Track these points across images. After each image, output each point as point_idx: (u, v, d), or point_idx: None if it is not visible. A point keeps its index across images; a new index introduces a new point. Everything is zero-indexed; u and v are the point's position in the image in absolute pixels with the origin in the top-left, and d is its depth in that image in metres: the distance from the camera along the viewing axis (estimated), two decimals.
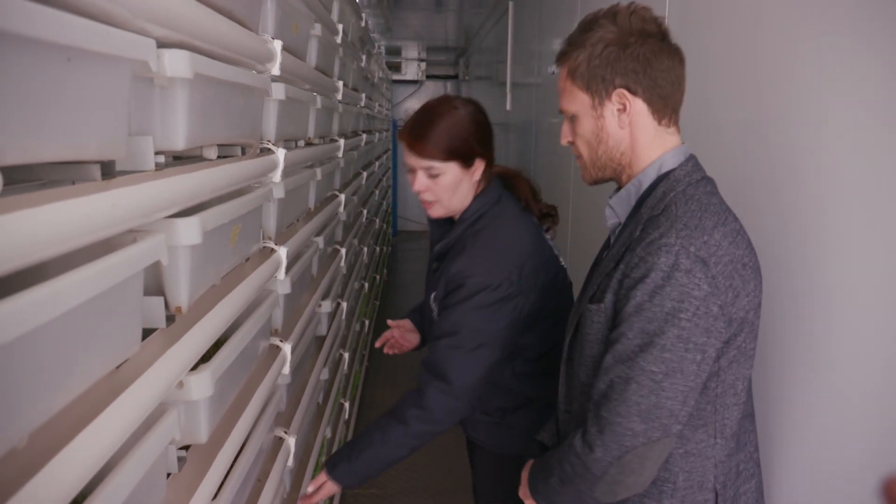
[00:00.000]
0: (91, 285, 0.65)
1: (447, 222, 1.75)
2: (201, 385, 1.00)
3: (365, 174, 3.93)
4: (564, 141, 1.27)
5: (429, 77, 10.57)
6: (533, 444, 1.53)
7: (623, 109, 1.17)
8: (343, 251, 2.74)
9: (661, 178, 1.17)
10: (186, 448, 1.10)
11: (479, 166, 1.63)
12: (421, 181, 1.61)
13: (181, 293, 0.98)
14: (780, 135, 1.31)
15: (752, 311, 1.11)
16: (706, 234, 1.07)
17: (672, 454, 1.14)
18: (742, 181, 1.41)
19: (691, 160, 1.19)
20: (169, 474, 1.01)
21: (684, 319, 1.04)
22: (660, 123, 1.18)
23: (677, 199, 1.13)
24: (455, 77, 10.51)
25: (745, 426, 1.20)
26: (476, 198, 1.66)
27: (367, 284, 4.24)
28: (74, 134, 0.65)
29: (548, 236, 1.76)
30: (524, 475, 1.39)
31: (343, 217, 2.82)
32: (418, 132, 1.58)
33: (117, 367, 0.80)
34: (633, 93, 1.15)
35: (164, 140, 0.93)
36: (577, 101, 1.19)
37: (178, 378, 0.91)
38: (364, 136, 3.88)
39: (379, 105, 5.59)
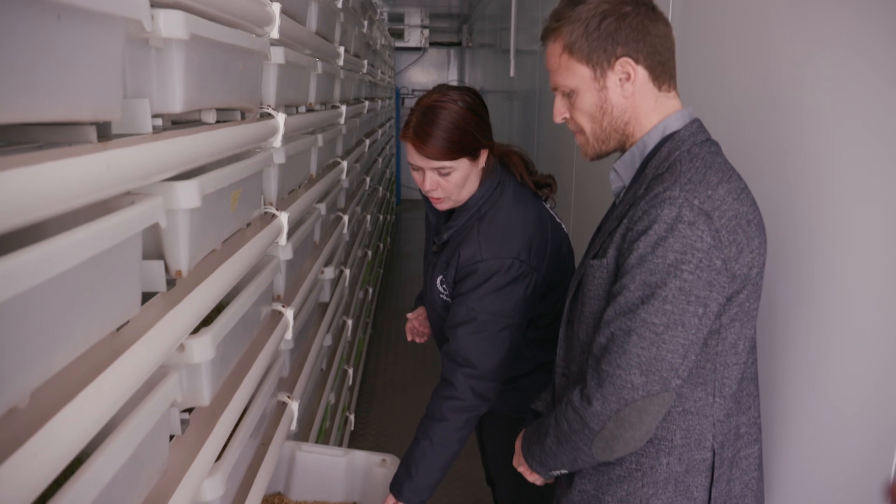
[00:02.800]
0: (88, 246, 0.65)
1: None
2: (203, 348, 1.01)
3: (367, 142, 3.91)
4: (559, 118, 1.26)
5: (432, 44, 10.47)
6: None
7: (627, 78, 1.16)
8: (346, 218, 2.73)
9: (666, 139, 1.17)
10: (189, 411, 1.11)
11: (483, 155, 1.63)
12: (432, 180, 1.60)
13: (181, 257, 0.98)
14: (788, 100, 1.30)
15: (756, 269, 1.11)
16: (710, 189, 1.07)
17: (670, 412, 1.14)
18: (749, 147, 1.40)
19: (696, 122, 1.19)
20: (172, 437, 1.02)
21: (686, 271, 1.04)
22: (660, 90, 1.18)
23: (682, 157, 1.13)
24: (458, 44, 10.41)
25: (748, 389, 1.20)
26: (480, 185, 1.66)
27: (370, 252, 4.24)
28: (66, 94, 0.64)
29: (547, 205, 1.76)
30: (517, 444, 1.40)
31: (346, 184, 2.82)
32: (425, 134, 1.55)
33: (118, 330, 0.81)
34: (636, 61, 1.15)
35: (161, 103, 0.92)
36: (577, 75, 1.18)
37: (179, 341, 0.91)
38: (366, 103, 3.86)
39: (381, 72, 5.55)
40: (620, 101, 1.18)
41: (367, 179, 4.00)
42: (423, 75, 10.50)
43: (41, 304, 0.61)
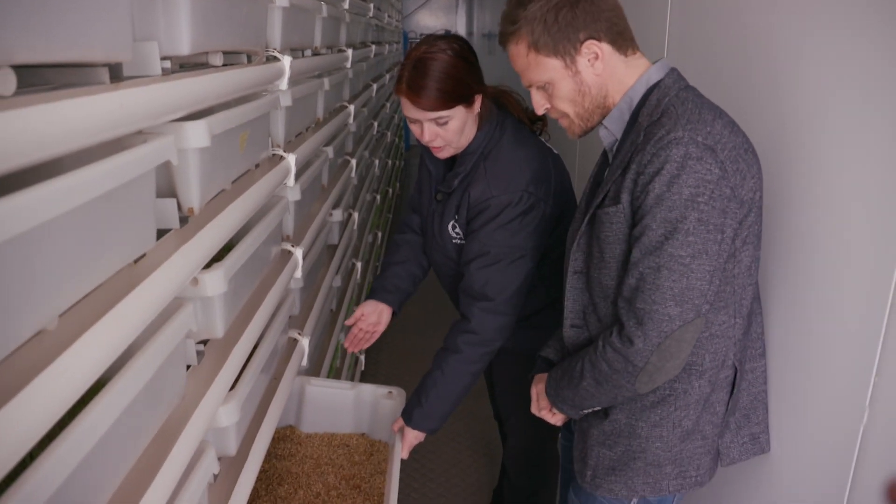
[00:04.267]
0: (106, 180, 0.70)
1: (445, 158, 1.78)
2: (215, 281, 1.06)
3: (375, 86, 3.91)
4: (541, 110, 1.32)
5: None
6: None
7: (595, 57, 1.23)
8: (353, 162, 2.76)
9: (652, 89, 1.23)
10: (205, 344, 1.17)
11: (477, 101, 1.66)
12: (430, 130, 1.63)
13: (193, 195, 1.03)
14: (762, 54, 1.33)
15: (759, 193, 1.19)
16: (708, 126, 1.13)
17: (699, 338, 1.22)
18: (730, 97, 1.44)
19: (675, 71, 1.26)
20: (189, 367, 1.08)
21: (702, 203, 1.10)
22: (626, 56, 1.25)
23: (673, 101, 1.19)
24: None
25: (755, 308, 1.29)
26: (479, 130, 1.69)
27: (379, 197, 4.28)
28: (80, 36, 0.68)
29: (543, 139, 1.80)
30: (535, 391, 1.46)
31: (353, 128, 2.84)
32: (418, 87, 1.57)
33: (135, 262, 0.85)
34: (599, 39, 1.22)
35: (169, 45, 0.95)
36: (549, 68, 1.24)
37: (192, 273, 0.97)
38: (373, 47, 3.84)
39: (388, 16, 5.49)
40: (595, 79, 1.25)
41: (375, 124, 4.00)
42: (432, 19, 10.34)
43: (64, 233, 0.65)
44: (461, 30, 9.48)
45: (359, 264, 3.11)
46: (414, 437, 1.72)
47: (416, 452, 2.83)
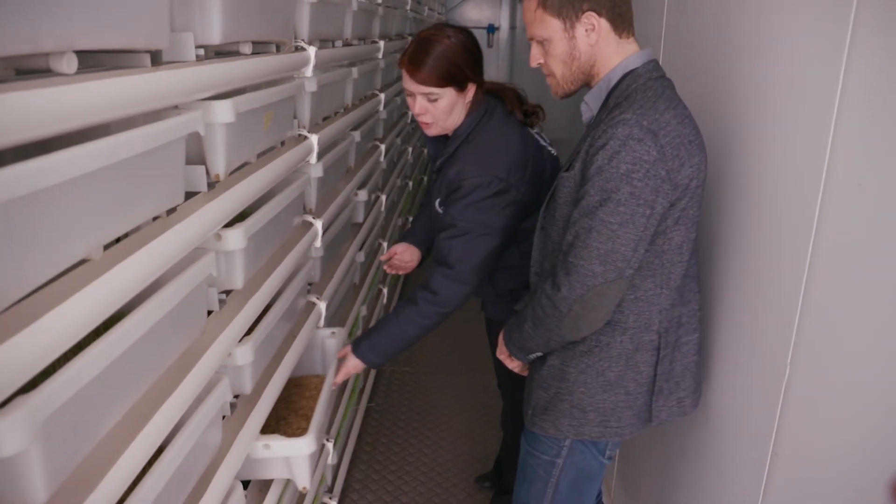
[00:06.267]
0: (144, 142, 0.88)
1: (442, 140, 1.94)
2: (237, 238, 1.25)
3: None
4: (535, 63, 1.46)
5: None
6: None
7: (592, 29, 1.36)
8: (382, 147, 2.94)
9: (627, 75, 1.37)
10: (227, 294, 1.36)
11: (471, 90, 1.82)
12: (420, 105, 1.80)
13: (219, 163, 1.21)
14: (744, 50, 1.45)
15: (696, 182, 1.32)
16: (658, 114, 1.28)
17: (624, 299, 1.37)
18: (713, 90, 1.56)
19: (653, 62, 1.39)
20: (210, 312, 1.27)
21: (636, 179, 1.25)
22: (620, 37, 1.38)
23: (637, 88, 1.33)
24: None
25: (690, 286, 1.43)
26: (468, 116, 1.85)
27: (411, 183, 4.45)
28: (126, 27, 0.86)
29: (535, 130, 1.95)
30: (500, 337, 1.63)
31: (384, 115, 3.01)
32: (417, 60, 1.75)
33: (167, 213, 1.04)
34: (599, 14, 1.35)
35: (203, 35, 1.13)
36: (550, 27, 1.38)
37: (216, 226, 1.15)
38: (410, 39, 4.01)
39: (429, 9, 5.65)
40: (587, 48, 1.38)
41: (410, 113, 4.18)
42: (476, 12, 10.44)
43: (111, 180, 0.84)
44: (504, 24, 9.57)
45: (385, 244, 3.29)
46: (353, 366, 1.89)
47: (429, 423, 3.03)
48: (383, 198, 3.07)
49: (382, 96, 2.89)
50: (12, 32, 0.66)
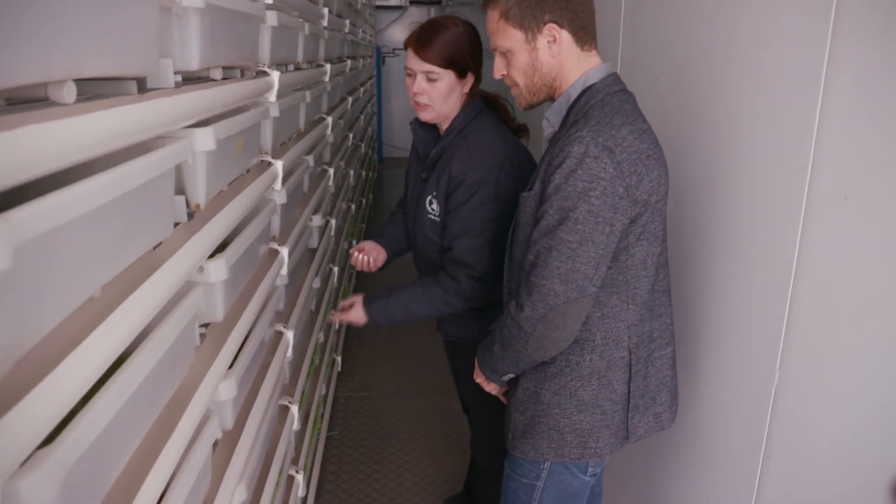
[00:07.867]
0: (145, 172, 0.84)
1: (432, 137, 1.96)
2: (218, 269, 1.20)
3: (350, 99, 4.06)
4: (498, 74, 1.48)
5: (412, 2, 10.47)
6: None
7: (554, 41, 1.37)
8: (331, 171, 2.91)
9: (586, 90, 1.39)
10: (206, 327, 1.31)
11: (469, 80, 1.87)
12: (419, 84, 1.84)
13: (200, 193, 1.17)
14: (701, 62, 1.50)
15: (656, 196, 1.33)
16: (614, 130, 1.29)
17: (591, 317, 1.37)
18: (668, 102, 1.60)
19: (612, 75, 1.41)
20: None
21: (594, 197, 1.26)
22: (582, 49, 1.40)
23: (596, 105, 1.35)
24: (438, 3, 10.44)
25: (660, 300, 1.44)
26: (462, 110, 1.89)
27: (353, 206, 4.41)
28: (125, 53, 0.82)
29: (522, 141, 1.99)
30: (476, 361, 1.62)
31: (330, 139, 2.98)
32: (424, 39, 1.81)
33: (154, 248, 0.99)
34: (560, 26, 1.36)
35: (183, 61, 1.10)
36: (512, 38, 1.40)
37: (202, 259, 1.11)
38: (349, 61, 4.00)
39: (363, 31, 5.65)
40: (549, 60, 1.39)
41: (350, 136, 4.15)
42: (404, 34, 10.49)
43: (116, 212, 0.80)
44: None
45: (335, 269, 3.24)
46: (356, 316, 1.93)
47: (391, 448, 2.98)
48: (333, 222, 3.03)
49: (329, 120, 2.86)
50: (23, 62, 0.62)
